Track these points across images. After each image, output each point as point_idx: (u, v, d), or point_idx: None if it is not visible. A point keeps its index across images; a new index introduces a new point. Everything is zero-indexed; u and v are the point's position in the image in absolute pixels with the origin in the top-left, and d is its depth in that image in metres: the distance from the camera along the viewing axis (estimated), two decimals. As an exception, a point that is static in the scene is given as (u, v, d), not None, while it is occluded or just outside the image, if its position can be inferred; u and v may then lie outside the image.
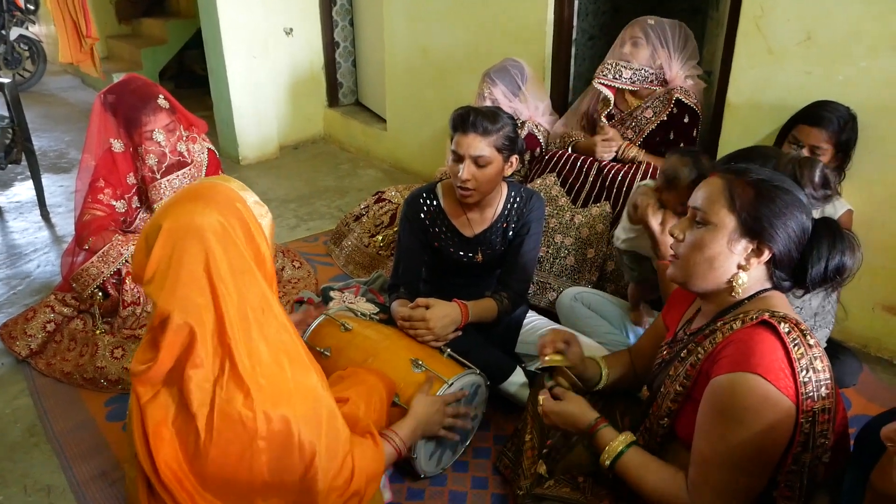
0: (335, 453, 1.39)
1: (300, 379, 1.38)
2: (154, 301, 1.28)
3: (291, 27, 4.68)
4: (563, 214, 2.62)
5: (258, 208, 1.38)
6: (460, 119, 1.97)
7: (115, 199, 2.48)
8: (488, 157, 1.96)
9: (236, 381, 1.29)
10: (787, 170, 1.64)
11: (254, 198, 1.39)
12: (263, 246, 1.36)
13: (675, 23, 2.64)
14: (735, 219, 1.25)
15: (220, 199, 1.31)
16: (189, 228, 1.26)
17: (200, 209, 1.28)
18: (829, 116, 2.11)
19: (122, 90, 2.43)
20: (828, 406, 1.18)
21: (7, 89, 3.54)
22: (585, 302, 2.32)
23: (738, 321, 1.25)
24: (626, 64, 2.65)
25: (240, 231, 1.31)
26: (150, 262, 1.27)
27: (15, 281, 3.02)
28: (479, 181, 1.99)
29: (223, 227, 1.28)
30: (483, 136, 1.95)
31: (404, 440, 1.63)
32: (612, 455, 1.37)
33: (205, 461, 1.30)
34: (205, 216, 1.27)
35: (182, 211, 1.29)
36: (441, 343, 1.96)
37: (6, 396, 2.27)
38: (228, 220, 1.29)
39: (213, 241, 1.26)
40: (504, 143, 1.98)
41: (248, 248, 1.32)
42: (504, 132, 1.98)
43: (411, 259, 2.20)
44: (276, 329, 1.36)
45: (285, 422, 1.31)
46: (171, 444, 1.32)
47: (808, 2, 2.22)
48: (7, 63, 6.62)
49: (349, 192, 4.15)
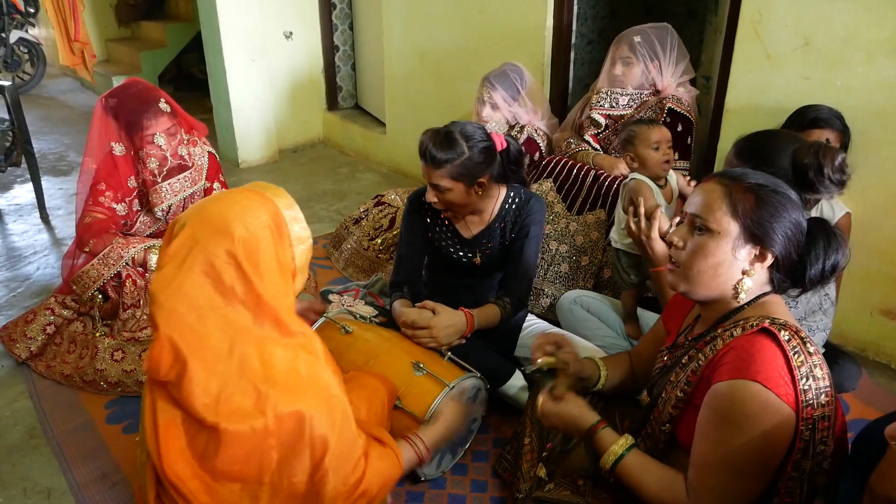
0: (347, 455, 1.38)
1: (315, 377, 1.37)
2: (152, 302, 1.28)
3: (291, 31, 4.69)
4: (559, 221, 2.63)
5: (301, 232, 1.38)
6: (420, 147, 1.94)
7: (115, 202, 2.48)
8: (445, 185, 1.94)
9: (244, 387, 1.29)
10: (811, 154, 1.66)
11: (300, 223, 1.38)
12: (287, 255, 1.36)
13: (662, 27, 2.64)
14: (738, 225, 1.25)
15: (254, 207, 1.33)
16: (217, 229, 1.28)
17: (237, 212, 1.30)
18: (832, 118, 2.17)
19: (124, 94, 2.44)
20: (827, 413, 1.19)
21: (7, 92, 3.54)
22: (585, 305, 2.32)
23: (739, 328, 1.26)
24: (621, 91, 2.68)
25: (269, 233, 1.32)
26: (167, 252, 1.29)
27: (15, 283, 3.02)
28: (446, 203, 2.00)
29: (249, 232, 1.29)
30: (435, 167, 1.92)
31: (429, 446, 1.62)
32: (613, 458, 1.38)
33: (213, 461, 1.30)
34: (235, 220, 1.29)
35: (215, 210, 1.31)
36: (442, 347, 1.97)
37: (6, 399, 2.27)
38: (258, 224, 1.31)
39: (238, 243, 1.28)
40: (461, 173, 1.92)
41: (276, 252, 1.33)
42: (460, 161, 1.91)
43: (413, 257, 2.20)
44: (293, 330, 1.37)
45: (298, 418, 1.30)
46: (179, 441, 1.32)
47: (807, 7, 2.24)
48: (6, 66, 6.62)
49: (348, 195, 4.16)
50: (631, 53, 2.63)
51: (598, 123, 2.75)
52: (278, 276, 1.33)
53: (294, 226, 1.37)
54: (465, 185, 1.96)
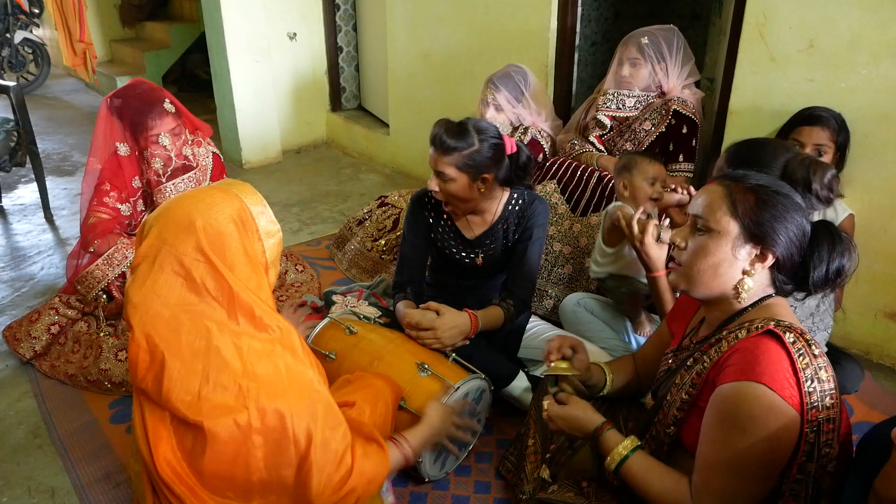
0: (331, 448, 1.38)
1: (295, 373, 1.37)
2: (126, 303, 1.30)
3: (295, 32, 4.70)
4: (562, 223, 2.63)
5: (269, 225, 1.39)
6: (432, 132, 1.97)
7: (120, 202, 2.49)
8: (449, 174, 1.95)
9: (224, 382, 1.29)
10: (801, 168, 1.66)
11: (267, 216, 1.39)
12: (257, 248, 1.37)
13: (668, 29, 2.64)
14: (738, 225, 1.26)
15: (219, 203, 1.33)
16: (182, 227, 1.29)
17: (201, 209, 1.31)
18: (827, 116, 2.16)
19: (128, 94, 2.45)
20: (832, 416, 1.19)
21: (12, 92, 3.55)
22: (588, 308, 2.32)
23: (744, 330, 1.26)
24: (628, 92, 2.68)
25: (234, 229, 1.33)
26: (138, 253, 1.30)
27: (19, 283, 3.03)
28: (447, 194, 2.00)
29: (215, 228, 1.30)
30: (443, 154, 1.94)
31: (414, 447, 1.61)
32: (617, 459, 1.38)
33: (201, 460, 1.30)
34: (199, 217, 1.30)
35: (179, 209, 1.32)
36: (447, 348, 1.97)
37: (10, 398, 2.28)
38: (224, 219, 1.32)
39: (204, 238, 1.29)
40: (467, 164, 1.94)
41: (243, 245, 1.34)
42: (468, 152, 1.93)
43: (416, 258, 2.20)
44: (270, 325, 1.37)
45: (279, 416, 1.30)
46: (168, 442, 1.33)
47: (811, 9, 2.24)
48: (11, 66, 6.64)
49: (351, 196, 4.16)
50: (639, 55, 2.63)
51: (604, 125, 2.75)
52: (249, 269, 1.33)
53: (261, 219, 1.37)
54: (470, 178, 1.97)
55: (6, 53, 6.57)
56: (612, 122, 2.75)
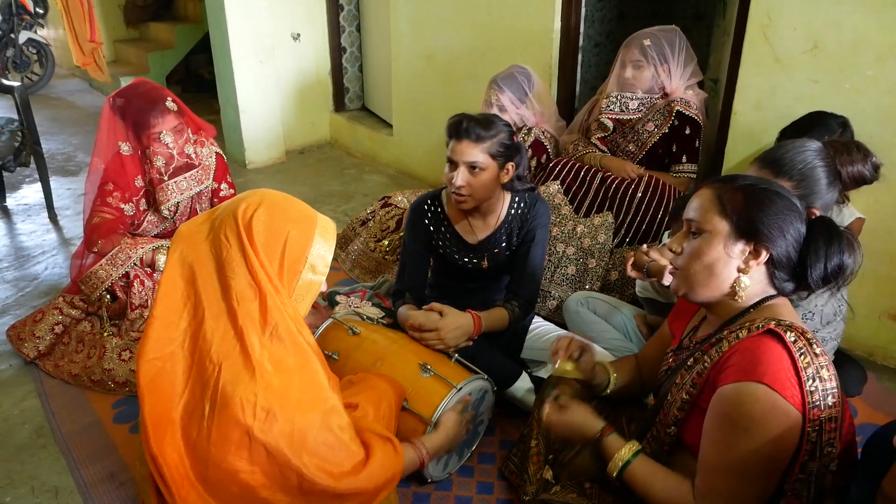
0: (335, 454, 1.39)
1: (306, 380, 1.39)
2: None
3: (299, 32, 4.71)
4: (566, 223, 2.62)
5: (318, 261, 1.47)
6: (455, 126, 1.97)
7: (123, 202, 2.50)
8: (482, 163, 1.95)
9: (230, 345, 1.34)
10: (851, 145, 1.79)
11: (324, 260, 1.48)
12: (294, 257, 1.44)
13: (670, 30, 2.64)
14: (728, 223, 1.28)
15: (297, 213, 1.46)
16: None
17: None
18: (832, 123, 2.14)
19: (131, 93, 2.45)
20: (834, 415, 1.19)
21: (17, 93, 3.56)
22: (591, 307, 2.32)
23: (745, 330, 1.25)
24: (631, 94, 2.67)
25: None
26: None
27: (23, 283, 3.04)
28: (474, 188, 1.99)
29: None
30: (476, 142, 1.94)
31: (430, 452, 1.67)
32: (619, 465, 1.38)
33: (206, 448, 1.31)
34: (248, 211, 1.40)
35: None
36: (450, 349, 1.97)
37: (14, 398, 2.28)
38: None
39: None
40: (498, 150, 1.97)
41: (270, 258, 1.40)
42: (498, 139, 1.96)
43: (416, 265, 2.20)
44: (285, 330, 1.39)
45: (284, 434, 1.33)
46: (174, 443, 1.34)
47: (815, 11, 2.23)
48: (16, 66, 6.66)
49: (355, 196, 4.17)
50: (641, 57, 2.62)
51: (606, 127, 2.75)
52: (278, 262, 1.39)
53: (315, 253, 1.45)
54: (498, 166, 2.00)
55: (11, 54, 6.59)
56: (614, 125, 2.75)
